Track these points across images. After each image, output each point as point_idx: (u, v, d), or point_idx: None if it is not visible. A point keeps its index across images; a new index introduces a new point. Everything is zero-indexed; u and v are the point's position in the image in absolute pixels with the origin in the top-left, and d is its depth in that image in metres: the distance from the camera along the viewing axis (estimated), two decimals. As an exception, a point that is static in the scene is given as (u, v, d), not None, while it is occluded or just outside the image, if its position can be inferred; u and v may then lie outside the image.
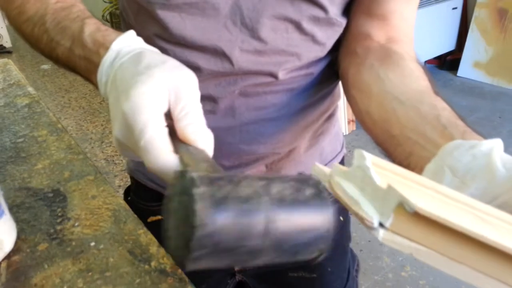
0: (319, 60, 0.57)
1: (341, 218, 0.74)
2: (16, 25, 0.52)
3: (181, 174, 0.22)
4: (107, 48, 0.40)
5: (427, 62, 3.46)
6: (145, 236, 0.47)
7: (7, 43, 4.57)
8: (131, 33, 0.41)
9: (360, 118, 0.50)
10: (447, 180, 0.32)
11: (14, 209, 0.52)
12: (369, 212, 0.25)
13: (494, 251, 0.23)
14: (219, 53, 0.51)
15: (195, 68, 0.38)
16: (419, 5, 0.56)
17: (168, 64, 0.36)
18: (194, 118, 0.35)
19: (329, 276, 0.73)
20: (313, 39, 0.53)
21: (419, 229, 0.24)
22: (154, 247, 0.46)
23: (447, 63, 3.46)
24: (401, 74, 0.47)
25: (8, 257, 0.45)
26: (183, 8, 0.48)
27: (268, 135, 0.58)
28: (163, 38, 0.51)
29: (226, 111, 0.55)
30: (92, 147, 2.68)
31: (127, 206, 0.52)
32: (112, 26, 2.41)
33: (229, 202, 0.21)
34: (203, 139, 0.36)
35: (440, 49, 3.38)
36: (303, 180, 0.24)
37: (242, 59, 0.51)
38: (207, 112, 0.37)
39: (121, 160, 2.53)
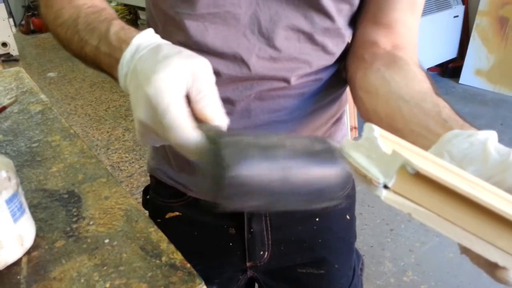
0: (328, 67, 0.62)
1: (348, 217, 0.77)
2: (52, 28, 0.57)
3: (210, 129, 0.26)
4: (128, 44, 0.43)
5: (429, 69, 3.49)
6: (156, 234, 0.50)
7: (14, 51, 4.64)
8: (150, 30, 0.45)
9: (367, 117, 0.54)
10: None
11: (32, 209, 0.55)
12: (375, 173, 0.28)
13: (484, 214, 0.26)
14: (238, 59, 0.55)
15: (215, 73, 0.41)
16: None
17: (184, 53, 0.40)
18: (211, 100, 0.39)
19: (336, 273, 0.76)
20: (324, 49, 0.58)
21: (419, 191, 0.27)
22: (164, 244, 0.49)
23: (449, 70, 3.49)
24: (405, 77, 0.51)
25: (28, 253, 0.48)
26: (207, 18, 0.53)
27: None
28: (186, 45, 0.55)
29: (242, 113, 0.60)
30: (98, 154, 2.72)
31: (138, 206, 0.55)
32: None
33: (251, 149, 0.25)
34: (220, 119, 0.39)
35: (442, 57, 3.40)
36: (315, 138, 0.28)
37: (258, 65, 0.56)
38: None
39: (127, 167, 2.56)
